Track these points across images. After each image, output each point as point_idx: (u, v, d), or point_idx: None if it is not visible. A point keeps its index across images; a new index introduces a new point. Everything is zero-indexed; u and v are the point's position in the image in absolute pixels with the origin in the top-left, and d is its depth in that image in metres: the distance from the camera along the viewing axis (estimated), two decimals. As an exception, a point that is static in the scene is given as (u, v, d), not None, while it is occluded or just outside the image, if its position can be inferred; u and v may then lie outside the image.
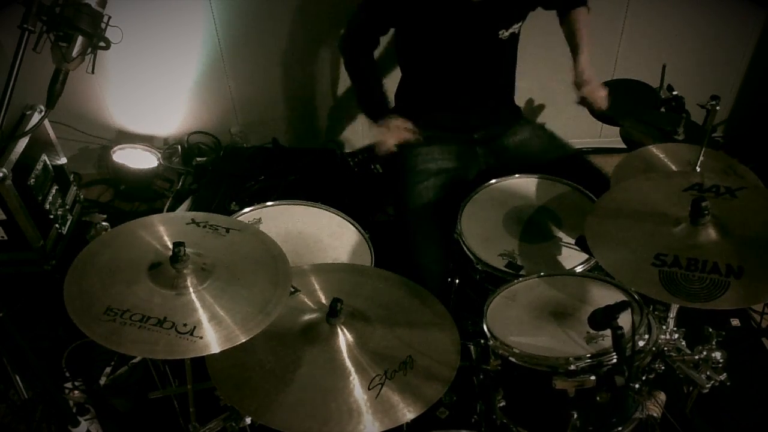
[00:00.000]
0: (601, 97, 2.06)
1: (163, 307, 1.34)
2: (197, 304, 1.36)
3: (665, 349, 1.63)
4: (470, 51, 2.10)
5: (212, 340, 1.30)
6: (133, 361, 2.29)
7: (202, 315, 1.34)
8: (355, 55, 2.24)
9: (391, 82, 2.37)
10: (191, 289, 1.39)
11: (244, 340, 1.32)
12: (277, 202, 2.09)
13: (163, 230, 1.54)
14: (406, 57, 2.25)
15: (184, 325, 1.31)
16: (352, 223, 2.03)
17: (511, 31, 2.08)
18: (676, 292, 1.41)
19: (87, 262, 1.44)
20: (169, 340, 1.28)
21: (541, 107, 3.13)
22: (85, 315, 1.31)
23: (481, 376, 1.65)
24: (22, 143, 2.33)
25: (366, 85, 2.25)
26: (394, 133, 2.10)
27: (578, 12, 2.19)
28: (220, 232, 1.58)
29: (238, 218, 2.00)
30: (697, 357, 1.62)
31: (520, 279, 1.74)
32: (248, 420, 1.53)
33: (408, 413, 1.35)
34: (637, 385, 1.49)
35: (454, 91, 2.20)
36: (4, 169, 2.16)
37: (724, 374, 1.61)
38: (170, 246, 1.43)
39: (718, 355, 1.61)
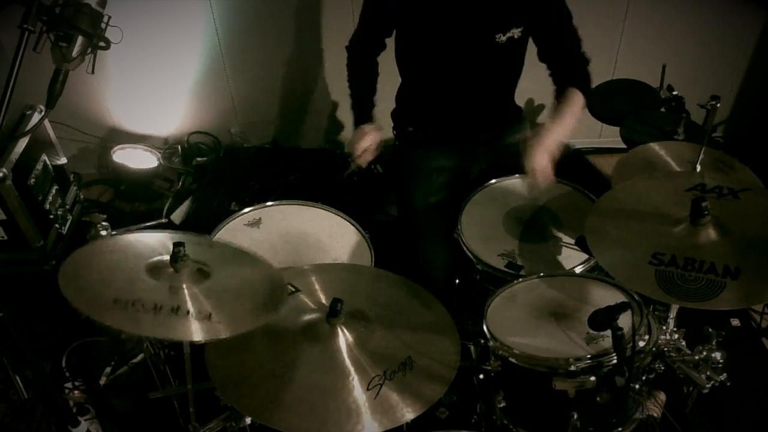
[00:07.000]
0: (542, 166, 1.89)
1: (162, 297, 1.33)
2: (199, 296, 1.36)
3: (665, 349, 1.63)
4: (466, 55, 2.09)
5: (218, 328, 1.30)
6: (133, 361, 2.29)
7: (207, 306, 1.34)
8: (358, 58, 2.24)
9: (392, 84, 2.37)
10: (189, 289, 1.38)
11: (250, 329, 1.33)
12: (277, 202, 2.09)
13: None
14: (404, 60, 2.25)
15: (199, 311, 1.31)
16: (352, 223, 2.03)
17: (509, 35, 2.05)
18: (672, 292, 1.41)
19: (81, 265, 1.42)
20: (183, 323, 1.28)
21: (541, 107, 3.13)
22: (94, 304, 1.28)
23: (481, 377, 1.64)
24: (22, 143, 2.33)
25: (356, 89, 2.23)
26: (357, 145, 2.05)
27: (574, 92, 2.03)
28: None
29: (238, 218, 2.01)
30: (697, 357, 1.62)
31: (520, 279, 1.74)
32: (248, 420, 1.53)
33: (407, 413, 1.35)
34: (637, 386, 1.49)
35: (452, 94, 2.20)
36: (4, 169, 2.16)
37: (724, 374, 1.61)
38: (170, 247, 1.42)
39: (718, 355, 1.61)
